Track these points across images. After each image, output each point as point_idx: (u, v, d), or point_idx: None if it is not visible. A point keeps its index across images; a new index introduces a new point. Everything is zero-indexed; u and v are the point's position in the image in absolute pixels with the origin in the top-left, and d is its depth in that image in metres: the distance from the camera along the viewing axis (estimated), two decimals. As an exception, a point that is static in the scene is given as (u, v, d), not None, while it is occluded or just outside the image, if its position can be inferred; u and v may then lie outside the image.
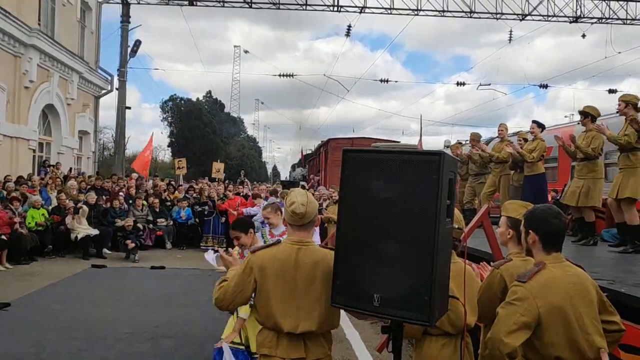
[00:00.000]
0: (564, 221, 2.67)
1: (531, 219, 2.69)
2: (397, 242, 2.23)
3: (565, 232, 2.69)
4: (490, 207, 6.06)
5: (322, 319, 2.64)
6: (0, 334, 6.07)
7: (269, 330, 2.71)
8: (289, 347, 2.65)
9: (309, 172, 31.27)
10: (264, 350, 2.70)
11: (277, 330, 2.66)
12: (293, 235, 2.77)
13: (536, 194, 7.82)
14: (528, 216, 2.73)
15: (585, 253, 6.51)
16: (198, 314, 7.32)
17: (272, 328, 2.68)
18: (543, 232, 2.61)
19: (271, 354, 2.67)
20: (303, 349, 2.65)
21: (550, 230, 2.60)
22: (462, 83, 29.24)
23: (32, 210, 11.75)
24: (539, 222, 2.63)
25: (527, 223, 2.70)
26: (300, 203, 2.68)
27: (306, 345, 2.66)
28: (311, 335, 2.67)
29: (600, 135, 6.92)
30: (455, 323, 2.90)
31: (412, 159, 2.26)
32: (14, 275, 9.72)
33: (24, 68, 15.77)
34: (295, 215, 2.70)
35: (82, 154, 21.27)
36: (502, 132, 9.45)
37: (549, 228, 2.60)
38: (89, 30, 21.21)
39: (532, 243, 2.66)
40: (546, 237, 2.61)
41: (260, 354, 2.74)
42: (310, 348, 2.66)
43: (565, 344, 2.45)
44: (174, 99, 54.08)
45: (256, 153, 63.65)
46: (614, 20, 22.11)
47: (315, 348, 2.68)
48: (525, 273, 2.58)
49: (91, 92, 21.64)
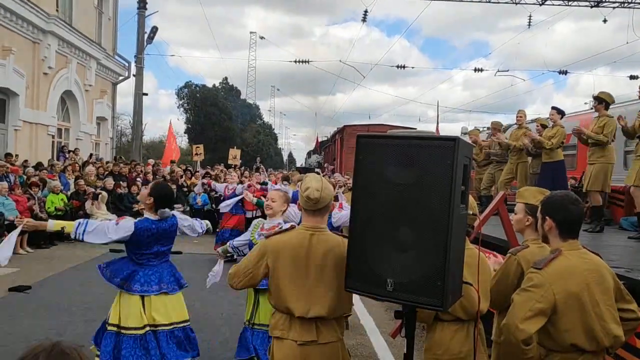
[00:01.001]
0: (581, 208, 2.64)
1: (548, 205, 2.67)
2: (411, 227, 2.24)
3: (583, 219, 2.66)
4: (506, 194, 6.02)
5: (333, 305, 2.67)
6: (22, 316, 6.23)
7: (282, 313, 2.74)
8: (301, 330, 2.67)
9: (325, 159, 31.27)
10: (277, 332, 2.74)
11: (289, 313, 2.69)
12: (307, 221, 2.79)
13: (554, 180, 7.75)
14: (545, 202, 2.70)
15: (602, 241, 6.44)
16: (214, 298, 7.40)
17: (284, 311, 2.72)
18: (560, 219, 2.58)
19: (284, 336, 2.70)
20: (315, 332, 2.68)
21: (567, 217, 2.58)
22: (480, 69, 29.05)
23: (51, 195, 11.94)
24: (556, 209, 2.60)
25: (544, 209, 2.67)
26: (315, 188, 2.70)
27: (318, 328, 2.69)
28: (323, 319, 2.69)
29: (613, 120, 6.87)
30: (468, 309, 2.91)
31: (427, 144, 2.25)
32: (35, 259, 9.91)
33: (43, 54, 15.94)
34: (310, 201, 2.71)
35: (100, 140, 21.50)
36: (520, 119, 9.36)
37: (566, 215, 2.58)
38: (106, 16, 21.32)
39: (548, 230, 2.64)
40: (563, 223, 2.59)
41: (273, 337, 2.77)
42: (323, 331, 2.69)
43: (581, 330, 2.43)
44: (189, 86, 54.21)
45: (272, 140, 63.73)
46: (636, 4, 21.60)
47: (327, 331, 2.71)
48: (541, 260, 2.56)
49: (109, 78, 21.81)
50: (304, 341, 2.66)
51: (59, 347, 1.32)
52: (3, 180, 10.94)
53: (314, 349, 2.67)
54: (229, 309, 6.94)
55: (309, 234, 2.73)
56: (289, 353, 2.68)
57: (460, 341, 2.94)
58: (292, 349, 2.67)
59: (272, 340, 2.81)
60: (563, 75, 27.68)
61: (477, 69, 28.92)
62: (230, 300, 7.32)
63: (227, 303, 7.21)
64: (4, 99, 14.74)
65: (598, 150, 7.22)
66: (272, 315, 2.84)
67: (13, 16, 14.21)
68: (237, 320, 6.48)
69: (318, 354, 2.68)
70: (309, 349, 2.67)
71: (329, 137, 33.09)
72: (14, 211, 10.55)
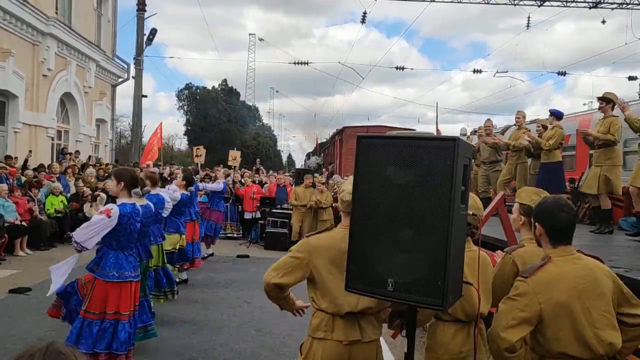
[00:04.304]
0: (571, 214, 2.60)
1: (538, 211, 2.66)
2: (411, 227, 2.24)
3: (574, 224, 2.62)
4: (506, 195, 6.03)
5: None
6: (21, 317, 6.25)
7: (325, 313, 2.75)
8: (345, 330, 2.70)
9: (324, 160, 31.29)
10: (320, 334, 2.74)
11: (337, 312, 2.71)
12: (345, 221, 2.84)
13: (551, 182, 7.74)
14: (535, 209, 2.70)
15: (603, 242, 6.45)
16: (215, 299, 7.42)
17: (333, 312, 2.72)
18: (549, 226, 2.57)
19: (327, 337, 2.72)
20: (359, 331, 2.71)
21: (556, 223, 2.56)
22: (479, 70, 28.95)
23: (51, 197, 11.95)
24: (545, 215, 2.59)
25: (534, 216, 2.68)
26: (348, 192, 2.75)
27: (361, 327, 2.72)
28: (365, 317, 2.73)
29: (619, 121, 6.83)
30: (468, 311, 2.92)
31: (427, 144, 2.26)
32: (34, 261, 9.91)
33: (42, 56, 15.95)
34: (344, 203, 2.80)
35: (99, 142, 21.48)
36: (519, 120, 9.38)
37: (555, 221, 2.56)
38: (105, 18, 21.33)
39: (539, 235, 2.63)
40: (552, 230, 2.57)
41: (315, 338, 2.76)
42: (365, 329, 2.73)
43: (572, 339, 2.40)
44: (189, 88, 54.25)
45: (271, 142, 63.66)
46: (634, 5, 21.64)
47: (369, 329, 2.75)
48: (528, 268, 2.55)
49: (108, 80, 21.82)
50: (349, 341, 2.69)
51: (54, 347, 1.32)
52: (3, 182, 10.94)
53: (358, 348, 2.71)
54: (229, 309, 6.96)
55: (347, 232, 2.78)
56: (333, 353, 2.69)
57: (461, 341, 2.95)
58: (337, 349, 2.69)
59: (310, 340, 2.79)
60: (562, 76, 27.76)
61: (476, 70, 28.92)
62: (231, 302, 7.34)
63: (227, 304, 7.23)
64: (4, 101, 14.74)
65: (605, 152, 7.07)
66: (312, 316, 2.83)
67: (12, 18, 14.21)
68: (237, 321, 6.50)
69: (361, 352, 2.71)
70: (354, 348, 2.70)
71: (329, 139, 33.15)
72: (13, 213, 10.57)
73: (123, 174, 4.38)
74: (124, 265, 4.25)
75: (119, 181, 4.31)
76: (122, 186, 4.30)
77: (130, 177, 4.38)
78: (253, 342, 5.76)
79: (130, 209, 4.25)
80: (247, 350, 5.50)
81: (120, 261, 4.25)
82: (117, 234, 4.19)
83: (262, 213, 13.92)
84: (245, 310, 7.00)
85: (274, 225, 13.17)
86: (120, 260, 4.25)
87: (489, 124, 10.24)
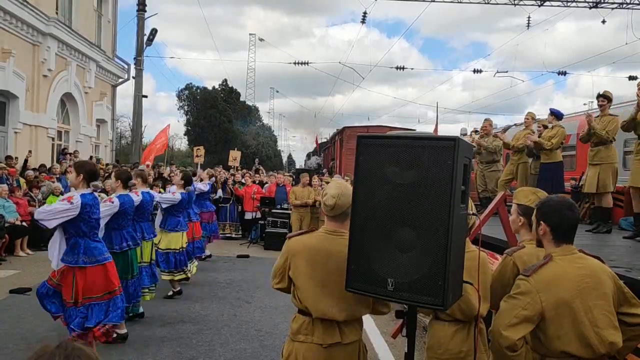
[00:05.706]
0: (577, 213, 2.61)
1: (543, 209, 2.63)
2: (411, 227, 2.25)
3: (578, 224, 2.62)
4: (506, 195, 6.03)
5: (352, 307, 2.68)
6: (23, 317, 6.25)
7: (304, 316, 2.74)
8: (325, 333, 2.69)
9: (324, 160, 31.26)
10: (300, 337, 2.73)
11: (311, 315, 2.70)
12: (328, 225, 2.84)
13: (552, 182, 7.75)
14: (540, 207, 2.67)
15: (603, 241, 6.45)
16: (215, 300, 7.42)
17: (306, 313, 2.73)
18: (555, 224, 2.55)
19: (307, 340, 2.71)
20: (338, 334, 2.69)
21: (562, 222, 2.55)
22: (479, 70, 28.96)
23: (52, 197, 11.94)
24: (551, 214, 2.57)
25: (539, 214, 2.64)
26: (331, 195, 2.73)
27: (341, 329, 2.70)
28: (345, 320, 2.71)
29: (616, 119, 6.85)
30: (466, 312, 2.92)
31: (427, 144, 2.26)
32: (35, 261, 9.91)
33: (43, 57, 15.95)
34: (326, 207, 2.78)
35: (100, 142, 21.48)
36: (527, 121, 9.33)
37: (562, 220, 2.55)
38: (105, 19, 21.33)
39: (542, 234, 2.61)
40: (557, 229, 2.56)
41: (296, 341, 2.75)
42: (345, 332, 2.71)
43: (574, 338, 2.40)
44: (189, 88, 54.25)
45: (272, 142, 63.63)
46: (634, 5, 21.63)
47: (350, 332, 2.73)
48: (531, 267, 2.54)
49: (108, 80, 21.82)
50: (328, 344, 2.68)
51: (73, 345, 1.28)
52: (3, 182, 10.95)
53: (338, 350, 2.69)
54: (229, 309, 6.96)
55: (330, 237, 2.76)
56: (313, 356, 2.68)
57: (461, 341, 2.95)
58: (317, 352, 2.68)
59: (289, 343, 2.79)
60: (562, 76, 27.77)
61: (476, 70, 28.93)
62: (231, 302, 7.34)
63: (227, 304, 7.23)
64: (4, 101, 14.74)
65: (602, 151, 7.12)
66: (293, 319, 2.83)
67: (13, 19, 14.21)
68: (237, 321, 6.50)
69: (342, 354, 2.70)
70: (333, 350, 2.68)
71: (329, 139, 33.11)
72: (14, 213, 10.57)
73: (83, 166, 4.65)
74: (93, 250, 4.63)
75: (78, 173, 4.57)
76: (81, 178, 4.56)
77: (89, 169, 4.66)
78: (253, 342, 5.76)
79: (90, 199, 4.54)
80: (247, 350, 5.50)
81: (90, 247, 4.61)
82: (79, 222, 4.51)
83: (262, 213, 13.93)
84: (245, 310, 7.00)
85: (274, 225, 13.17)
86: (90, 246, 4.61)
87: (487, 124, 10.14)
